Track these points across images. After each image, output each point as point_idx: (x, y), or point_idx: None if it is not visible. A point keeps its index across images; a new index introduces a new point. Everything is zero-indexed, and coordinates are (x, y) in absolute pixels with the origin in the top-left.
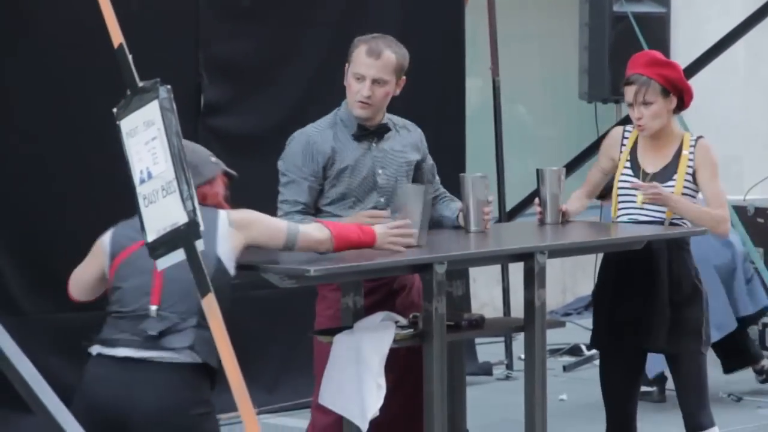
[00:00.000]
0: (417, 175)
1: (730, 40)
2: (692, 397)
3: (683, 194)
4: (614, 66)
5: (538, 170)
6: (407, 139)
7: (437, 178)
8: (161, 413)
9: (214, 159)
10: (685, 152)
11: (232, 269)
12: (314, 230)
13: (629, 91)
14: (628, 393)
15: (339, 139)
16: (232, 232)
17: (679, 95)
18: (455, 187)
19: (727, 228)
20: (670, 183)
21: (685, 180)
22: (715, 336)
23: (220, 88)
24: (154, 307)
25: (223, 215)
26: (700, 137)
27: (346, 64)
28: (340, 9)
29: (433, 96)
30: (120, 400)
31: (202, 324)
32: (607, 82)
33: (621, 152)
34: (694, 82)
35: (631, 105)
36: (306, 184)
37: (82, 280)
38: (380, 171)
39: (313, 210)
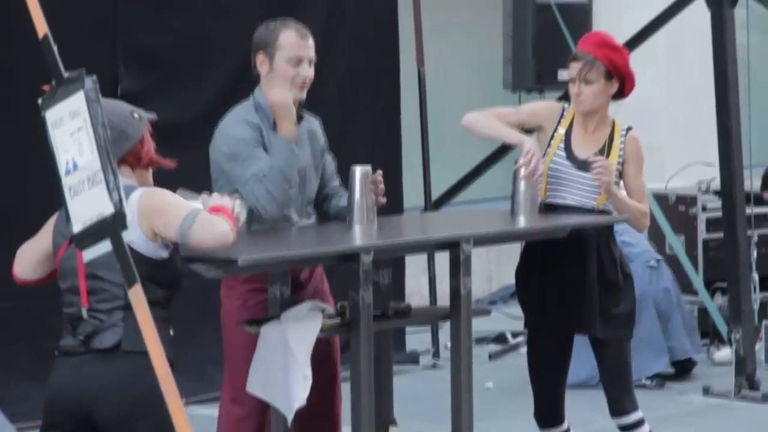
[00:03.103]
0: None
1: (650, 29)
2: (617, 382)
3: None
4: (538, 56)
5: (515, 171)
6: (312, 126)
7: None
8: (114, 390)
9: (136, 114)
10: (616, 142)
11: (158, 252)
12: (216, 221)
13: (574, 67)
14: (555, 377)
15: (263, 124)
16: (141, 216)
17: (621, 82)
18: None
19: (648, 222)
20: None
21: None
22: (648, 369)
23: (137, 78)
24: (84, 309)
25: (134, 200)
26: (629, 128)
27: (260, 53)
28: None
29: (367, 86)
30: (74, 392)
31: (131, 314)
32: (531, 72)
33: (555, 131)
34: None
35: (573, 81)
36: (261, 152)
37: (28, 255)
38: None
39: None
